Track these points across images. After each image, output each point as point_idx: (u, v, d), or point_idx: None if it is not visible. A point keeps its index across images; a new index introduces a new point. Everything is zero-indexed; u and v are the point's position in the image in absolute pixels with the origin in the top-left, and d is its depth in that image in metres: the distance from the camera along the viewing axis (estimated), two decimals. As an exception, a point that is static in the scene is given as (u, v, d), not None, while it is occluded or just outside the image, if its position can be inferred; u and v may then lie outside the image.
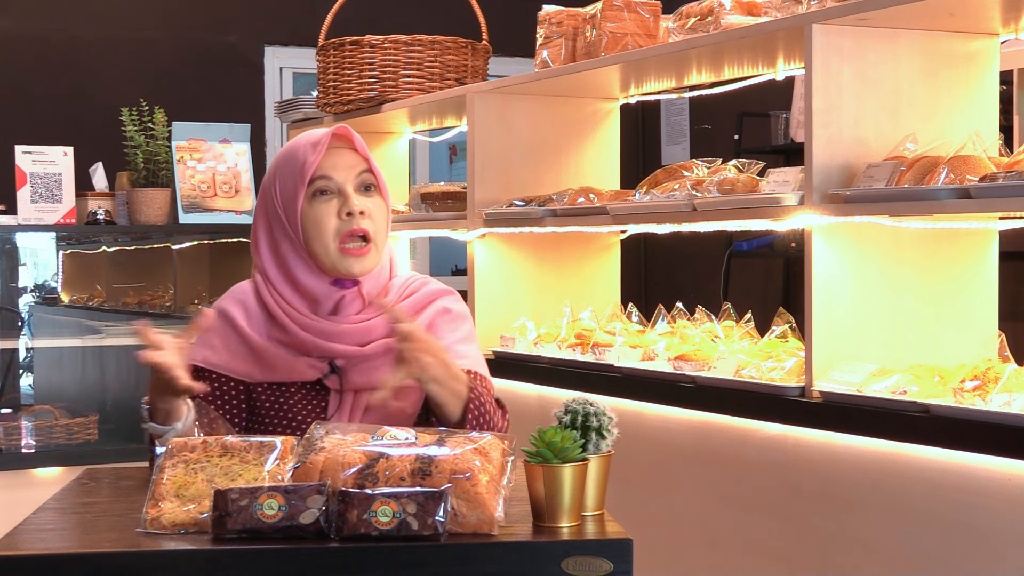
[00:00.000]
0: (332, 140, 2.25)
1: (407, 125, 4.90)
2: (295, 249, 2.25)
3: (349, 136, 2.26)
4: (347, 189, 2.23)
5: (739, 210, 3.03)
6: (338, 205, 2.22)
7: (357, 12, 4.97)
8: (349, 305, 2.25)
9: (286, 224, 2.25)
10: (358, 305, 2.26)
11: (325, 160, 2.23)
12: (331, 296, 2.24)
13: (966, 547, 2.44)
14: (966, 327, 2.90)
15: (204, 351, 2.27)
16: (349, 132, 2.26)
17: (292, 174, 2.24)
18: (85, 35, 6.51)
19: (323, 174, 2.22)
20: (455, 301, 2.35)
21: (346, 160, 2.24)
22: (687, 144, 7.20)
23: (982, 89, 2.89)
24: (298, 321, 2.24)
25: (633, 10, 3.60)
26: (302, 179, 2.22)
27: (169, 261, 5.16)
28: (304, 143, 2.25)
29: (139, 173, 4.73)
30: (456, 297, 2.37)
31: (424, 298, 2.32)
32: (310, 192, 2.23)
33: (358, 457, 1.75)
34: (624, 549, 1.68)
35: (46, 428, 4.65)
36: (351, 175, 2.24)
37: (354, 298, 2.25)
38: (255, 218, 2.33)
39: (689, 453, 3.16)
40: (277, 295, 2.26)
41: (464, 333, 2.32)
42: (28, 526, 1.80)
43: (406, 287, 2.33)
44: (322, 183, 2.22)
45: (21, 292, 4.92)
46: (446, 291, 2.36)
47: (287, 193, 2.24)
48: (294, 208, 2.23)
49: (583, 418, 1.82)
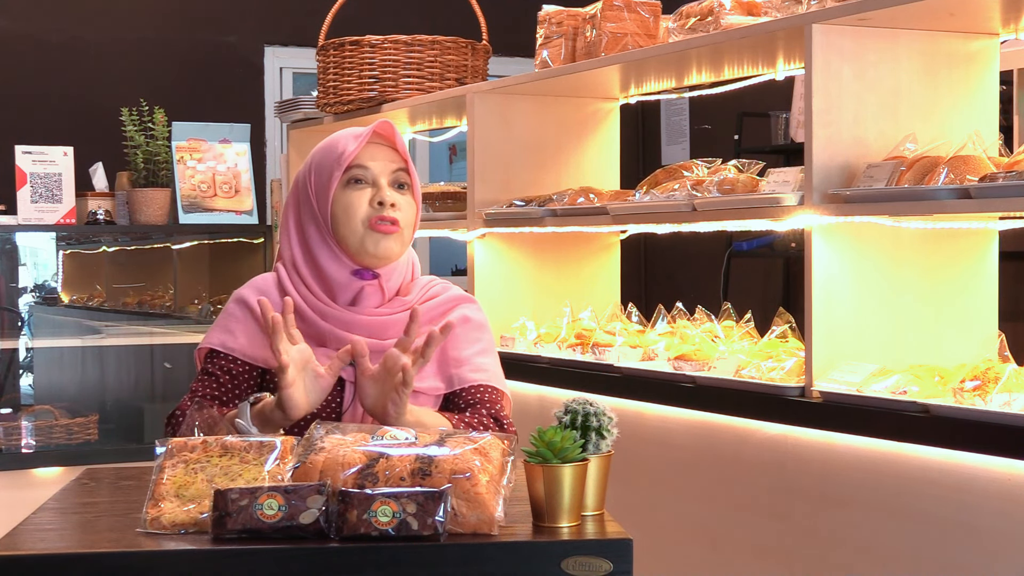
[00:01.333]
0: (374, 136, 2.28)
1: (407, 125, 4.90)
2: (321, 234, 2.27)
3: (391, 134, 2.29)
4: (381, 181, 2.26)
5: (739, 210, 3.03)
6: (371, 194, 2.25)
7: (357, 12, 4.97)
8: (369, 298, 2.26)
9: (316, 209, 2.27)
10: (378, 299, 2.27)
11: (364, 151, 2.26)
12: (351, 286, 2.26)
13: (966, 547, 2.44)
14: (966, 327, 2.90)
15: (222, 336, 2.29)
16: (392, 128, 2.29)
17: (329, 161, 2.27)
18: (85, 35, 6.51)
19: (360, 163, 2.26)
20: (476, 310, 2.36)
21: (385, 155, 2.28)
22: (687, 144, 7.20)
23: (982, 89, 2.89)
24: (317, 309, 2.25)
25: (633, 10, 3.60)
26: (339, 165, 2.25)
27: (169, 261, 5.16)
28: (346, 134, 2.29)
29: (139, 173, 4.73)
30: (478, 306, 2.38)
31: (444, 303, 2.33)
32: (344, 179, 2.26)
33: (358, 457, 1.75)
34: (624, 549, 1.68)
35: (46, 428, 4.65)
36: (387, 169, 2.27)
37: (374, 291, 2.26)
38: (285, 208, 2.36)
39: (689, 453, 3.16)
40: (299, 282, 2.28)
41: (484, 344, 2.32)
42: (28, 526, 1.80)
43: (427, 290, 2.34)
44: (358, 172, 2.26)
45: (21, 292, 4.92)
46: (467, 298, 2.37)
47: (321, 179, 2.27)
48: (327, 193, 2.25)
49: (583, 418, 1.82)
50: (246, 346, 2.27)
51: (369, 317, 2.25)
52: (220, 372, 2.26)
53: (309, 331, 2.25)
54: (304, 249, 2.29)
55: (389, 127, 2.29)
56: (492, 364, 2.32)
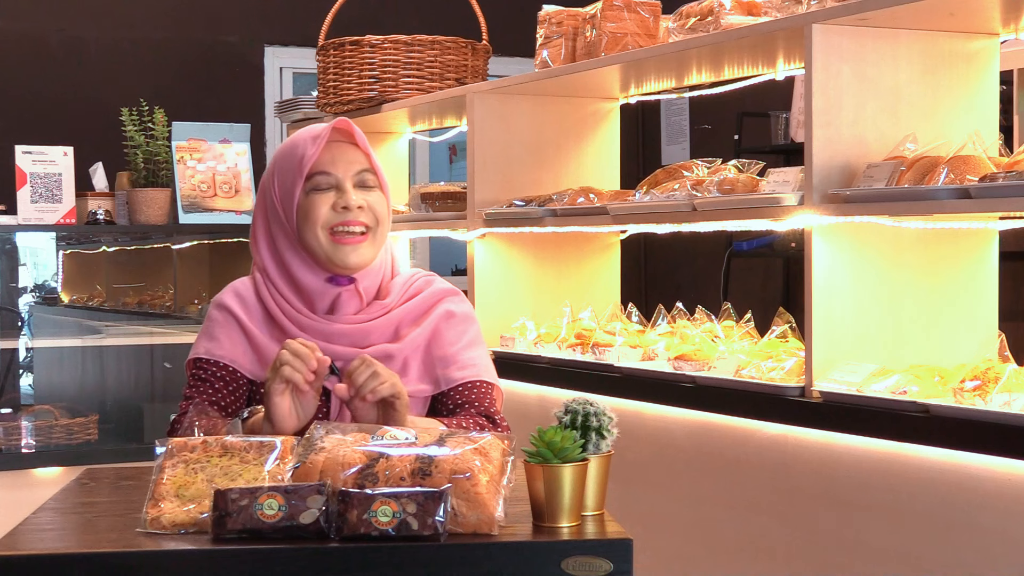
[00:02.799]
0: (333, 134, 2.23)
1: (407, 125, 4.90)
2: (291, 244, 2.23)
3: (350, 130, 2.24)
4: (345, 184, 2.21)
5: (739, 210, 3.03)
6: (334, 198, 2.20)
7: (357, 12, 4.97)
8: (346, 304, 2.23)
9: (283, 218, 2.23)
10: (356, 304, 2.24)
11: (324, 154, 2.21)
12: (327, 293, 2.22)
13: (966, 547, 2.44)
14: (966, 327, 2.90)
15: (207, 344, 2.26)
16: (350, 126, 2.24)
17: (291, 168, 2.22)
18: (85, 35, 6.51)
19: (322, 169, 2.21)
20: (460, 303, 2.32)
21: (346, 155, 2.23)
22: (687, 144, 7.20)
23: (982, 89, 2.89)
24: (295, 320, 2.22)
25: (633, 10, 3.60)
26: (300, 173, 2.20)
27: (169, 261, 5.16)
28: (304, 137, 2.24)
29: (139, 173, 4.73)
30: (461, 298, 2.34)
31: (429, 298, 2.29)
32: (308, 187, 2.21)
33: (358, 457, 1.75)
34: (624, 549, 1.68)
35: (46, 428, 4.65)
36: (350, 171, 2.22)
37: (351, 296, 2.23)
38: (254, 214, 2.31)
39: (689, 453, 3.16)
40: (276, 292, 2.25)
41: (470, 337, 2.29)
42: (28, 526, 1.80)
43: (409, 286, 2.30)
44: (320, 178, 2.21)
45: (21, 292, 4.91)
46: (451, 291, 2.33)
47: (285, 187, 2.22)
48: (291, 201, 2.21)
49: (583, 418, 1.82)
50: (230, 351, 2.25)
51: (348, 325, 2.22)
52: (212, 378, 2.24)
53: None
54: (275, 257, 2.25)
55: (348, 125, 2.23)
56: (479, 357, 2.29)
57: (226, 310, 2.27)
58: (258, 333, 2.24)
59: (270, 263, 2.26)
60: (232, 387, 2.24)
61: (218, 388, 2.23)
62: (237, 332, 2.25)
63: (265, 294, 2.25)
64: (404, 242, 5.00)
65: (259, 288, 2.27)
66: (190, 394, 2.24)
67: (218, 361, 2.24)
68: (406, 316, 2.26)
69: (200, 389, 2.23)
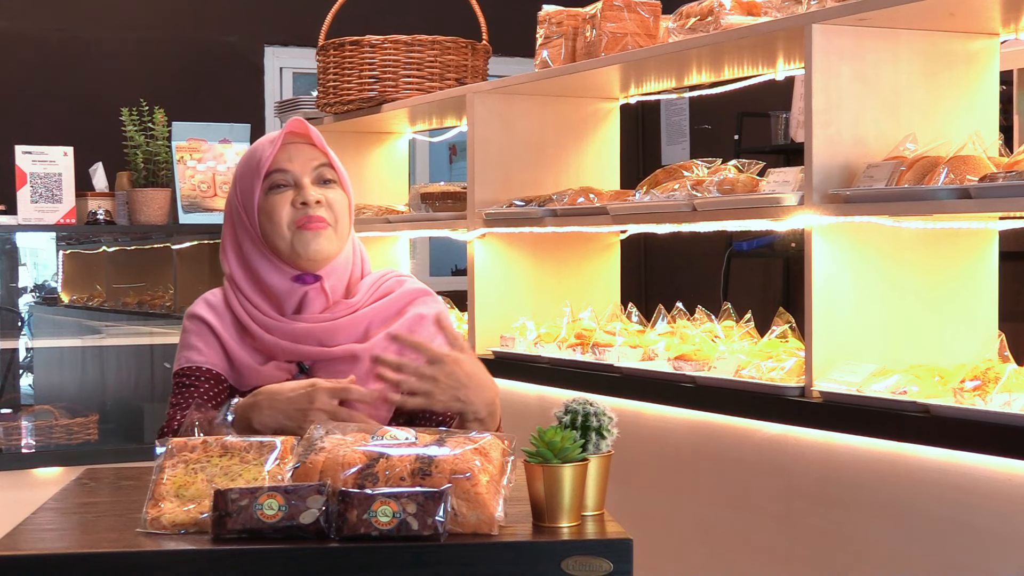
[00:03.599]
0: (289, 136, 2.26)
1: (407, 125, 4.90)
2: (256, 246, 2.25)
3: (306, 131, 2.26)
4: (303, 181, 2.23)
5: (739, 210, 3.03)
6: (293, 196, 2.23)
7: (357, 12, 4.97)
8: (312, 303, 2.24)
9: (246, 222, 2.25)
10: (321, 302, 2.25)
11: (281, 154, 2.24)
12: (294, 293, 2.24)
13: (966, 547, 2.44)
14: (966, 327, 2.90)
15: (187, 353, 2.29)
16: (305, 126, 2.26)
17: (250, 171, 2.25)
18: (85, 35, 6.51)
19: (279, 167, 2.23)
20: (431, 304, 2.32)
21: (303, 154, 2.25)
22: (687, 144, 7.20)
23: (982, 89, 2.89)
24: (261, 323, 2.24)
25: (633, 10, 3.60)
26: (258, 173, 2.23)
27: (169, 261, 5.16)
28: (263, 141, 2.27)
29: (139, 173, 4.73)
30: (433, 298, 2.34)
31: (400, 299, 2.29)
32: (266, 186, 2.23)
33: (358, 457, 1.75)
34: (624, 549, 1.68)
35: (46, 428, 4.65)
36: (308, 167, 2.24)
37: (317, 295, 2.24)
38: (223, 226, 2.34)
39: (689, 453, 3.16)
40: (243, 298, 2.27)
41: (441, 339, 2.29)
42: (28, 526, 1.80)
43: (378, 287, 2.30)
44: (278, 176, 2.23)
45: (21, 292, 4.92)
46: (422, 291, 2.33)
47: (246, 190, 2.25)
48: (252, 203, 2.24)
49: (583, 418, 1.82)
50: (211, 357, 2.27)
51: (313, 324, 2.22)
52: (198, 383, 2.25)
53: (257, 345, 2.24)
54: (242, 264, 2.28)
55: (302, 124, 2.26)
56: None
57: (199, 320, 2.30)
58: (230, 340, 2.27)
59: (237, 269, 2.29)
60: (217, 390, 2.25)
61: (204, 391, 2.24)
62: (213, 339, 2.28)
63: (233, 301, 2.28)
64: (404, 242, 5.00)
65: (228, 296, 2.30)
66: (176, 401, 2.25)
67: (200, 367, 2.26)
68: (376, 317, 2.26)
69: (186, 395, 2.24)
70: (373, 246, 4.85)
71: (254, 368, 2.24)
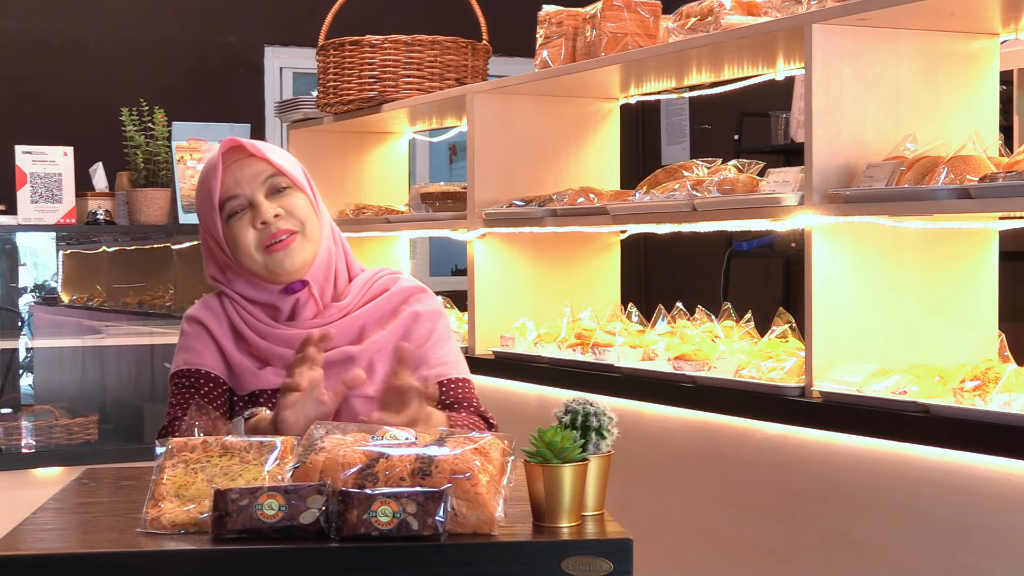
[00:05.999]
0: (228, 156, 2.23)
1: (407, 125, 4.90)
2: (234, 269, 2.26)
3: (241, 147, 2.23)
4: (257, 199, 2.21)
5: (739, 210, 3.03)
6: (251, 217, 2.21)
7: (357, 12, 4.97)
8: (304, 309, 2.24)
9: (217, 251, 2.26)
10: (313, 308, 2.25)
11: (227, 178, 2.21)
12: (285, 302, 2.24)
13: (966, 547, 2.44)
14: (966, 327, 2.90)
15: (185, 355, 2.29)
16: (239, 144, 2.23)
17: (205, 202, 2.24)
18: (85, 35, 6.51)
19: (230, 194, 2.21)
20: (426, 301, 2.31)
21: (248, 171, 2.22)
22: (687, 144, 7.20)
23: (982, 89, 2.89)
24: (257, 330, 2.25)
25: (633, 10, 3.60)
26: (213, 206, 2.22)
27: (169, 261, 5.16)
28: (206, 168, 2.25)
29: (139, 173, 4.73)
30: (428, 294, 2.33)
31: (394, 298, 2.29)
32: (224, 215, 2.22)
33: (358, 457, 1.75)
34: (624, 549, 1.68)
35: (46, 428, 4.65)
36: (257, 184, 2.22)
37: (307, 301, 2.24)
38: (201, 246, 2.33)
39: (689, 453, 3.16)
40: (238, 305, 2.27)
41: (437, 335, 2.29)
42: (28, 526, 1.80)
43: (371, 285, 2.30)
44: (233, 203, 2.21)
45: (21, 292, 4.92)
46: (417, 288, 2.32)
47: (208, 221, 2.25)
48: (218, 233, 2.23)
49: (583, 418, 1.82)
50: (209, 360, 2.27)
51: (306, 330, 2.20)
52: (196, 385, 2.25)
53: (253, 351, 2.25)
54: (225, 282, 2.28)
55: (235, 143, 2.23)
56: (447, 354, 2.29)
57: (198, 323, 2.30)
58: (228, 344, 2.27)
59: (224, 288, 2.29)
60: (216, 393, 2.25)
61: (204, 393, 2.24)
62: (211, 342, 2.28)
63: (230, 308, 2.28)
64: (404, 242, 5.00)
65: (224, 303, 2.30)
66: (176, 402, 2.25)
67: (199, 369, 2.26)
68: (370, 317, 2.26)
69: (184, 397, 2.24)
70: (373, 246, 4.85)
71: (252, 372, 2.24)
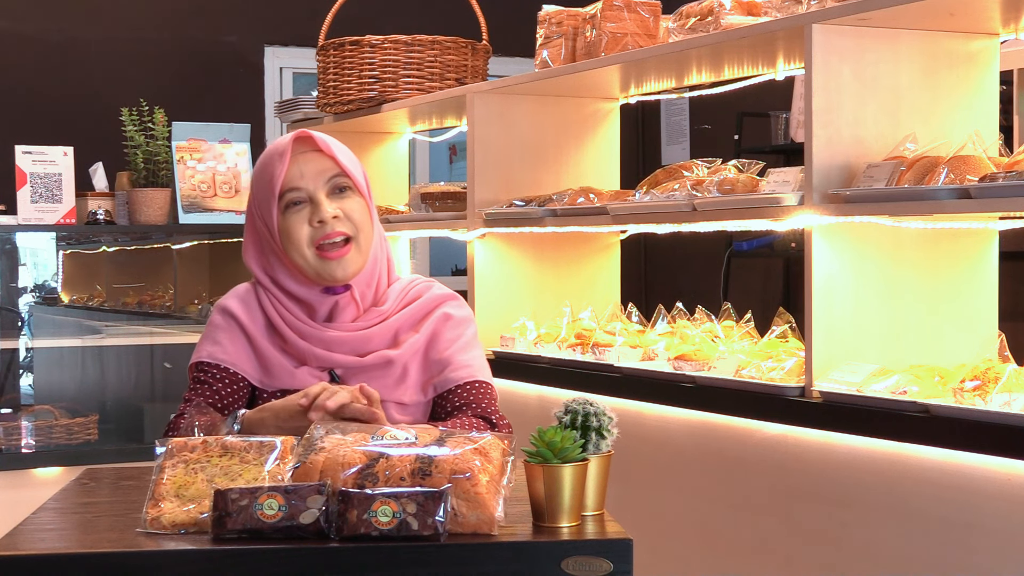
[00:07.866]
0: (297, 146, 2.22)
1: (407, 125, 4.90)
2: (281, 261, 2.24)
3: (311, 139, 2.23)
4: (318, 196, 2.20)
5: (739, 210, 3.03)
6: (309, 213, 2.20)
7: (357, 12, 4.96)
8: (344, 311, 2.24)
9: (267, 236, 2.24)
10: (353, 311, 2.25)
11: (292, 169, 2.21)
12: (325, 302, 2.24)
13: (966, 547, 2.44)
14: (966, 327, 2.90)
15: (211, 347, 2.27)
16: (311, 137, 2.23)
17: (264, 188, 2.23)
18: (85, 35, 6.51)
19: (292, 185, 2.20)
20: (458, 307, 2.33)
21: (313, 166, 2.22)
22: (687, 144, 7.20)
23: (982, 89, 2.89)
24: (296, 328, 2.23)
25: (633, 10, 3.60)
26: (272, 193, 2.21)
27: (169, 261, 5.16)
28: (272, 155, 2.23)
29: (139, 173, 4.73)
30: (460, 302, 2.35)
31: (427, 304, 2.30)
32: (282, 204, 2.21)
33: (358, 457, 1.75)
34: (624, 549, 1.68)
35: (46, 428, 4.65)
36: (320, 181, 2.21)
37: (348, 303, 2.24)
38: (245, 229, 2.32)
39: (689, 453, 3.16)
40: (275, 300, 2.26)
41: (465, 338, 2.30)
42: (28, 526, 1.80)
43: (406, 293, 2.31)
44: (292, 195, 2.20)
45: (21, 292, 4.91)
46: (450, 296, 2.34)
47: (263, 206, 2.23)
48: (272, 223, 2.22)
49: (583, 418, 1.82)
50: (234, 355, 2.26)
51: (346, 333, 2.22)
52: (213, 380, 2.25)
53: (289, 350, 2.24)
54: (268, 272, 2.27)
55: (308, 136, 2.23)
56: (474, 358, 2.29)
57: (229, 315, 2.28)
58: (260, 339, 2.25)
59: (263, 275, 2.28)
60: (232, 389, 2.24)
61: (219, 390, 2.24)
62: (240, 336, 2.26)
63: (266, 302, 2.27)
64: (404, 242, 5.00)
65: (259, 295, 2.28)
66: (190, 396, 2.25)
67: (220, 364, 2.25)
68: (405, 322, 2.27)
69: (200, 391, 2.24)
70: (373, 246, 4.83)
71: (288, 370, 2.23)
